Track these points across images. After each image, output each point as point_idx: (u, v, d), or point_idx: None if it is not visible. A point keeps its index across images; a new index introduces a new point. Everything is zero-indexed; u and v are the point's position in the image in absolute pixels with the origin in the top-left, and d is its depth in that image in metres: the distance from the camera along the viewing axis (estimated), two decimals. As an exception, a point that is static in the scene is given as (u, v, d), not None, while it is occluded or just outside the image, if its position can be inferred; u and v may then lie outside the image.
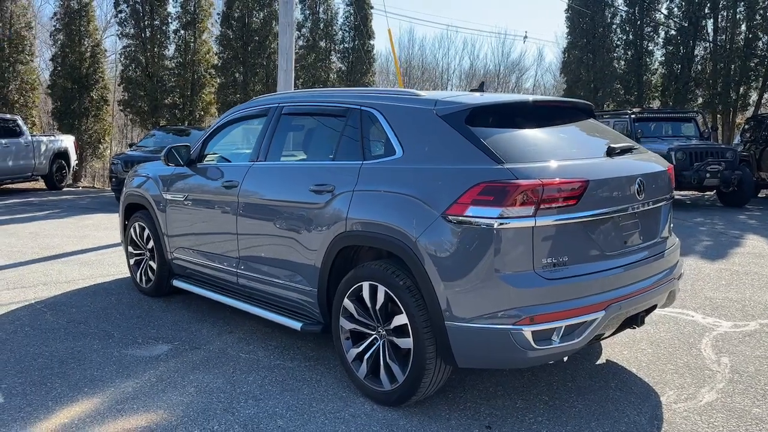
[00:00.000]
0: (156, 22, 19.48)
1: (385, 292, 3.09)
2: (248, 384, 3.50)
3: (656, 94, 19.25)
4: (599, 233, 2.97)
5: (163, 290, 5.19)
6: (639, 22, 18.94)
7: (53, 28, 20.29)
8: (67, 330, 4.44)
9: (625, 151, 3.34)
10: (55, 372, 3.67)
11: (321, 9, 19.39)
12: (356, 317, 3.29)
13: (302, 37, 19.28)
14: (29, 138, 15.87)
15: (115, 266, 6.53)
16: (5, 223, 9.82)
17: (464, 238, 2.78)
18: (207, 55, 19.45)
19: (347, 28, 19.52)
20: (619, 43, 19.39)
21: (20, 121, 15.96)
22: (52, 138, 17.56)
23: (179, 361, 3.85)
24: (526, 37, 45.96)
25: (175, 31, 20.05)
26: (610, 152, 3.20)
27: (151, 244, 5.18)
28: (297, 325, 3.68)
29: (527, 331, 2.69)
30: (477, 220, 2.73)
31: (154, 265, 5.16)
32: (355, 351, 3.31)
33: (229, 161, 4.57)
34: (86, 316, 4.78)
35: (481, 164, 2.83)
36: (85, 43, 20.06)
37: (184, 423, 3.04)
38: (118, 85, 20.66)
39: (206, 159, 4.68)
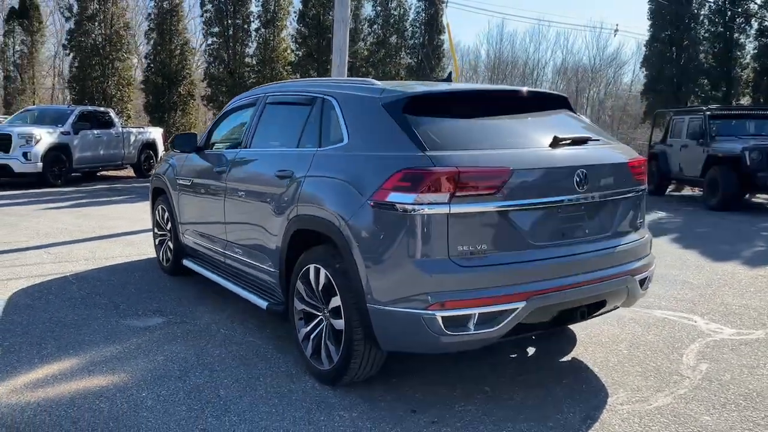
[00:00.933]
0: (238, 21, 20.45)
1: (326, 274, 3.20)
2: (212, 357, 3.72)
3: (747, 90, 17.84)
4: (527, 223, 2.92)
5: (179, 269, 5.54)
6: (729, 13, 17.63)
7: (147, 28, 21.82)
8: (83, 300, 4.88)
9: (579, 141, 3.24)
10: (54, 335, 4.06)
11: (392, 5, 19.57)
12: (305, 299, 3.42)
13: (372, 34, 19.55)
14: (120, 129, 17.16)
15: (152, 247, 7.02)
16: (84, 206, 10.75)
17: (384, 223, 2.83)
18: (285, 53, 20.19)
19: (418, 24, 19.59)
20: (706, 35, 18.14)
21: (112, 114, 17.30)
22: (141, 130, 18.91)
23: (163, 333, 4.14)
24: (616, 30, 43.74)
25: (257, 30, 20.96)
26: (555, 143, 3.12)
27: (170, 225, 5.56)
28: (264, 304, 3.86)
29: (438, 317, 2.70)
30: (396, 205, 2.77)
31: (172, 246, 5.53)
32: (304, 331, 3.44)
33: (228, 148, 4.83)
34: (106, 289, 5.22)
35: (405, 151, 2.87)
36: (175, 41, 21.42)
37: (137, 386, 3.29)
38: (202, 81, 21.88)
39: (212, 146, 4.97)
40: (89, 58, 21.45)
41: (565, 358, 3.74)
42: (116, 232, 7.97)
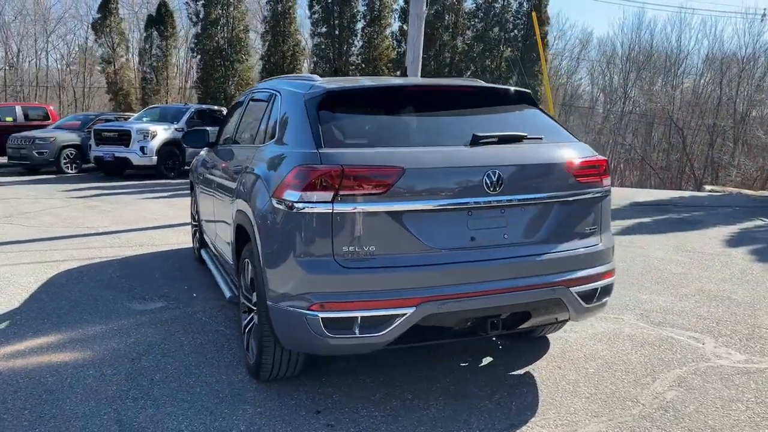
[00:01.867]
0: (344, 21, 21.01)
1: (251, 269, 3.25)
2: (175, 343, 3.91)
3: None
4: (425, 226, 2.75)
5: (202, 258, 5.87)
6: None
7: (263, 30, 23.09)
8: (108, 283, 5.33)
9: (509, 140, 3.00)
10: (60, 313, 4.49)
11: (495, -3, 19.07)
12: (244, 292, 3.50)
13: (471, 28, 19.16)
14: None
15: (203, 237, 7.50)
16: (179, 197, 11.64)
17: (277, 220, 2.82)
18: (387, 51, 20.44)
19: (520, 15, 18.90)
20: None
21: (225, 112, 18.59)
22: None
23: (152, 317, 4.43)
24: (764, 15, 38.81)
25: (363, 29, 21.41)
26: (475, 141, 2.91)
27: (197, 216, 5.91)
28: (228, 295, 3.99)
29: (319, 318, 2.65)
30: (287, 203, 2.75)
31: (198, 236, 5.88)
32: (243, 323, 3.52)
33: (223, 144, 5.03)
34: (135, 273, 5.66)
35: (304, 148, 2.83)
36: (288, 42, 22.48)
37: (91, 364, 3.56)
38: None
39: (223, 142, 5.20)
40: (212, 60, 23.17)
41: (518, 372, 3.49)
42: (177, 222, 8.57)
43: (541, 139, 3.13)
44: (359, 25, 21.05)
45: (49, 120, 18.62)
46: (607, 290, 3.18)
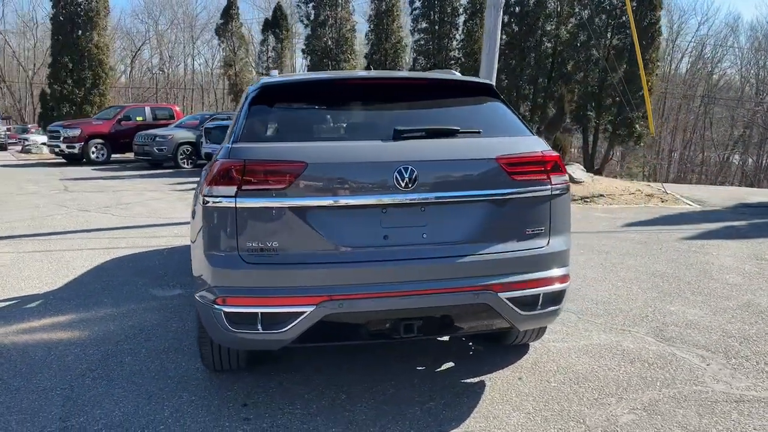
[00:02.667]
0: (445, 15, 20.81)
1: None
2: (165, 328, 4.13)
3: None
4: (332, 223, 2.66)
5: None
6: None
7: (368, 29, 23.52)
8: (144, 269, 5.74)
9: (438, 134, 2.83)
10: (86, 295, 4.91)
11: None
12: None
13: (575, 15, 18.11)
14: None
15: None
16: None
17: (197, 214, 2.88)
18: (488, 43, 19.93)
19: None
20: None
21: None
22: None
23: (162, 303, 4.71)
24: None
25: (465, 22, 21.08)
26: (397, 135, 2.77)
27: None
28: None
29: (222, 312, 2.67)
30: (202, 197, 2.79)
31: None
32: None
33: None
34: (175, 261, 6.04)
35: (227, 144, 2.87)
36: (391, 40, 22.72)
37: (82, 343, 3.85)
38: None
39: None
40: (321, 60, 24.01)
41: (472, 380, 3.28)
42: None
43: (478, 132, 2.92)
44: (460, 19, 20.75)
45: (174, 119, 20.34)
46: (554, 298, 2.90)
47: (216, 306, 2.69)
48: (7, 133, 29.61)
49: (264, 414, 2.94)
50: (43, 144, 22.67)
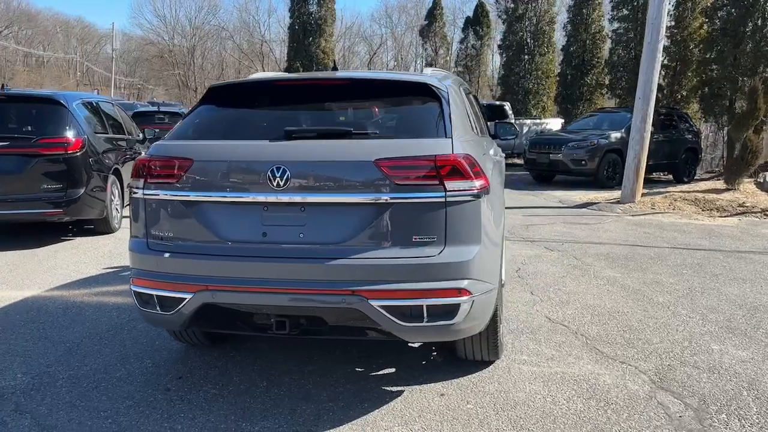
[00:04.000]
0: (651, 1, 18.76)
1: None
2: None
3: None
4: (217, 217, 2.81)
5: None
6: None
7: (566, 20, 22.31)
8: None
9: (330, 135, 2.80)
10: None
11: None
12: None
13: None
14: (512, 121, 18.61)
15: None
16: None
17: None
18: (700, 30, 17.50)
19: None
20: None
21: (507, 107, 18.87)
22: (537, 121, 19.95)
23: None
24: None
25: (677, 6, 18.75)
26: (288, 135, 2.81)
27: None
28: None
29: (133, 291, 3.01)
30: (128, 188, 3.14)
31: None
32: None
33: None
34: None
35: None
36: (590, 30, 21.25)
37: (117, 311, 4.55)
38: (601, 69, 21.01)
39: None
40: (516, 56, 23.48)
41: (393, 388, 3.16)
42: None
43: (376, 134, 2.81)
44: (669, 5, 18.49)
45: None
46: (446, 312, 2.68)
47: (131, 285, 3.05)
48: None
49: (184, 387, 3.21)
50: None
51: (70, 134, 6.56)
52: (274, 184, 2.72)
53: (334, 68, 4.06)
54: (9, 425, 2.84)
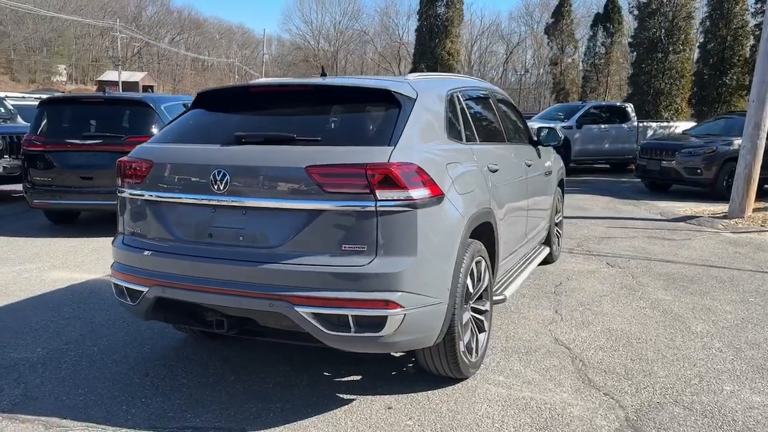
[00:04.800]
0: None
1: None
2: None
3: None
4: (172, 216, 3.00)
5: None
6: None
7: (705, 15, 20.36)
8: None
9: (275, 141, 2.85)
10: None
11: None
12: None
13: None
14: (634, 124, 17.40)
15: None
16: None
17: None
18: None
19: None
20: None
21: (629, 108, 17.67)
22: (664, 124, 18.49)
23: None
24: None
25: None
26: (238, 140, 2.91)
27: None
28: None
29: (111, 283, 3.29)
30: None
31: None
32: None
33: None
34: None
35: (151, 143, 3.43)
36: (732, 24, 19.23)
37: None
38: (742, 68, 18.81)
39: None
40: (648, 54, 21.87)
41: (347, 396, 3.14)
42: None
43: (318, 140, 2.81)
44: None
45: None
46: (374, 323, 2.64)
47: (111, 277, 3.32)
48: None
49: (160, 374, 3.44)
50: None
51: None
52: (215, 187, 2.83)
53: (323, 74, 4.07)
54: (4, 391, 3.22)
